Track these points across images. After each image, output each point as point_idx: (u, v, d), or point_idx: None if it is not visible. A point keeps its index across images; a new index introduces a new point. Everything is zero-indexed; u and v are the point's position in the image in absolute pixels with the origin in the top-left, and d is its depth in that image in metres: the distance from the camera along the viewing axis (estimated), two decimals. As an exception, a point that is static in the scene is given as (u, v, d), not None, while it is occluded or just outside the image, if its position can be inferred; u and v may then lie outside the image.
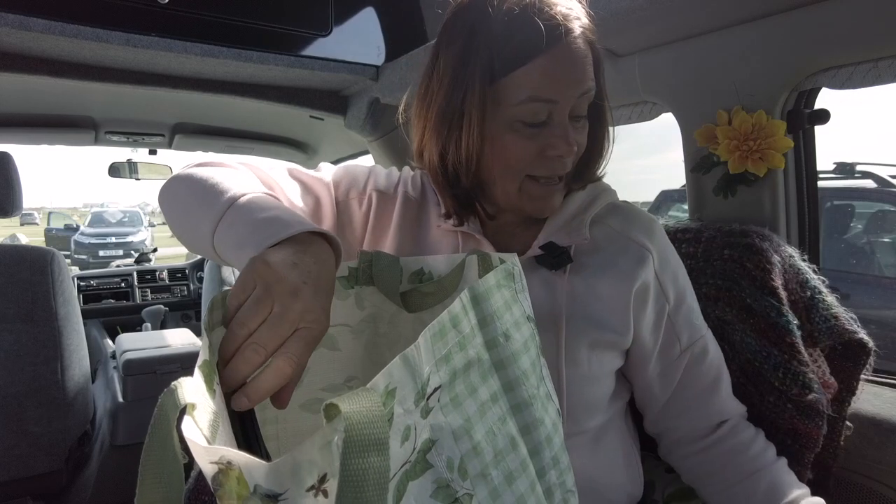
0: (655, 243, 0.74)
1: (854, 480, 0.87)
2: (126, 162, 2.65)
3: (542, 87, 0.63)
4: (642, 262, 0.72)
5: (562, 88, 0.63)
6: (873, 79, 0.87)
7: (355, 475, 0.34)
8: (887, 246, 3.29)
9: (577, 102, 0.65)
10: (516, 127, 0.65)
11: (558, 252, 0.70)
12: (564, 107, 0.64)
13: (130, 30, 1.22)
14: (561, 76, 0.63)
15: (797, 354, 0.84)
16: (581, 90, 0.64)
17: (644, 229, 0.75)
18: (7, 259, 1.51)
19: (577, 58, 0.64)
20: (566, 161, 0.66)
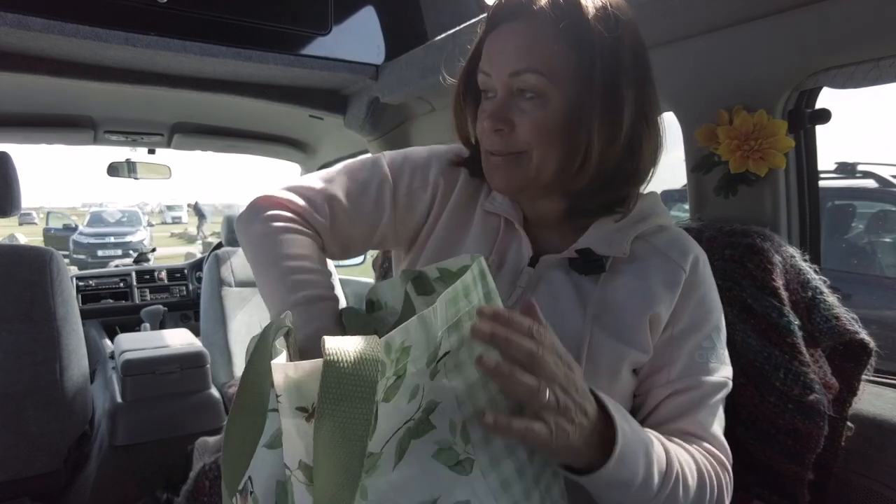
0: (693, 267, 0.71)
1: (855, 481, 0.87)
2: (125, 161, 2.65)
3: (484, 60, 0.68)
4: (673, 281, 0.69)
5: (493, 63, 0.67)
6: (874, 78, 0.87)
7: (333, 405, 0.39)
8: (888, 246, 3.29)
9: (511, 82, 0.65)
10: (482, 99, 0.71)
11: (593, 258, 0.69)
12: (499, 83, 0.66)
13: (130, 29, 1.22)
14: (495, 52, 0.67)
15: (798, 355, 0.84)
16: (511, 69, 0.64)
17: (686, 252, 0.72)
18: (6, 259, 1.51)
19: (514, 37, 0.65)
20: (495, 137, 0.67)
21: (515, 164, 0.67)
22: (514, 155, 0.67)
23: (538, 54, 0.64)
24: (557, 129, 0.65)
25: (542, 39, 0.63)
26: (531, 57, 0.64)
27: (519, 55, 0.64)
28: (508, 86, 0.66)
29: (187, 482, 1.12)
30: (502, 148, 0.67)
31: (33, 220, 24.46)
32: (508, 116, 0.66)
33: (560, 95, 0.64)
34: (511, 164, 0.67)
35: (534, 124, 0.65)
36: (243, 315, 2.35)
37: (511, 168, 0.68)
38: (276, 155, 2.71)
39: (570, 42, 0.63)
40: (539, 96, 0.65)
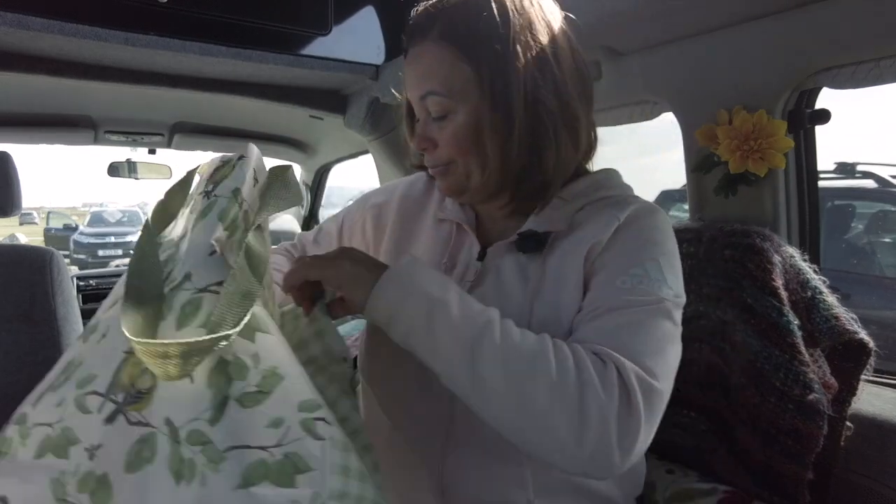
0: (628, 212, 0.69)
1: (855, 481, 0.87)
2: (125, 161, 2.65)
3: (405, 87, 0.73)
4: (604, 227, 0.68)
5: (407, 89, 0.73)
6: (874, 78, 0.87)
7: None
8: (888, 246, 3.29)
9: (423, 105, 0.70)
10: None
11: (533, 236, 0.71)
12: (416, 107, 0.72)
13: (129, 29, 1.22)
14: (405, 78, 0.72)
15: (798, 354, 0.84)
16: (418, 94, 0.70)
17: (624, 205, 0.70)
18: (6, 259, 1.51)
19: (414, 62, 0.70)
20: (425, 155, 0.73)
21: (449, 174, 0.72)
22: (444, 166, 0.72)
23: (436, 76, 0.68)
24: (469, 141, 0.68)
25: (437, 61, 0.68)
26: (431, 80, 0.68)
27: (421, 79, 0.69)
28: (422, 108, 0.71)
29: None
30: (432, 163, 0.73)
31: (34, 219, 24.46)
32: (429, 135, 0.71)
33: (464, 110, 0.68)
34: (445, 174, 0.72)
35: (448, 140, 0.70)
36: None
37: (446, 177, 0.73)
38: (276, 155, 2.70)
39: (463, 58, 0.66)
40: (447, 114, 0.69)
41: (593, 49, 1.14)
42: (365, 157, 2.29)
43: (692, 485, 0.88)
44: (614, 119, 1.27)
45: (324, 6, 1.40)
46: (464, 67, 0.67)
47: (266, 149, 2.61)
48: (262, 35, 1.35)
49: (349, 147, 2.34)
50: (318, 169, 2.70)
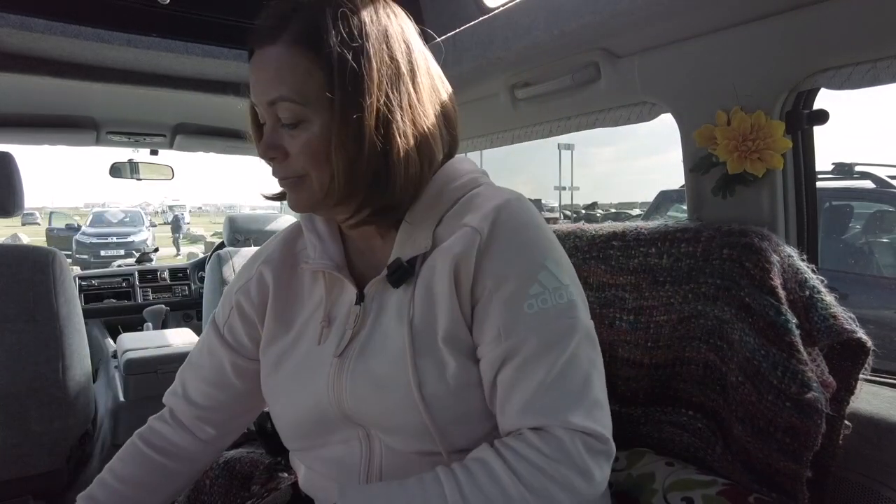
0: (490, 222, 0.64)
1: (852, 480, 0.88)
2: (127, 162, 2.66)
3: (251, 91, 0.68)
4: (465, 245, 0.64)
5: (254, 93, 0.67)
6: (872, 79, 0.87)
7: None
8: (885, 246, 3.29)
9: (272, 111, 0.65)
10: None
11: (398, 268, 0.67)
12: (264, 113, 0.67)
13: (132, 30, 1.22)
14: (253, 81, 0.67)
15: (796, 353, 0.84)
16: (267, 99, 0.65)
17: (484, 209, 0.66)
18: (9, 259, 1.52)
19: (261, 67, 0.65)
20: (273, 166, 0.68)
21: (301, 187, 0.68)
22: (296, 178, 0.67)
23: (287, 81, 0.63)
24: (324, 151, 0.64)
25: (288, 65, 0.63)
26: (281, 85, 0.63)
27: (270, 84, 0.64)
28: (271, 114, 0.66)
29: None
30: (281, 174, 0.68)
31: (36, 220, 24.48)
32: (279, 143, 0.66)
33: (317, 117, 0.64)
34: (297, 187, 0.68)
35: (301, 149, 0.65)
36: (245, 315, 2.35)
37: (297, 190, 0.68)
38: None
39: (313, 62, 0.63)
40: (299, 121, 0.65)
41: (592, 51, 1.15)
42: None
43: (692, 476, 0.89)
44: (612, 120, 1.28)
45: (325, 8, 1.41)
46: (318, 75, 0.63)
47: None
48: (264, 36, 1.36)
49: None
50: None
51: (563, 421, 0.59)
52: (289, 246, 0.84)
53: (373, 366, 0.67)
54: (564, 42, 1.09)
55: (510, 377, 0.63)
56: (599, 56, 1.14)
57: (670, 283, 0.99)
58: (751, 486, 0.87)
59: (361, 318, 0.70)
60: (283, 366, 0.75)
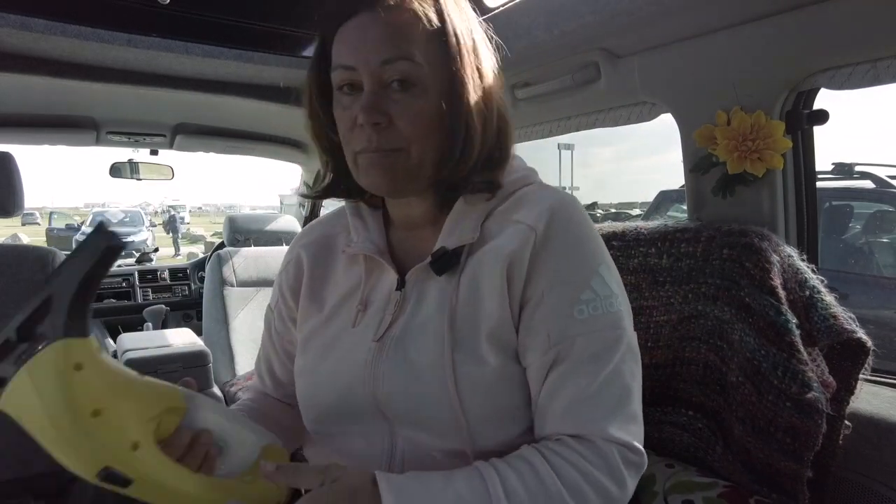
0: (545, 220, 0.64)
1: (852, 480, 0.88)
2: (127, 162, 2.65)
3: (342, 55, 0.64)
4: (520, 242, 0.64)
5: (358, 54, 0.62)
6: (872, 79, 0.87)
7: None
8: (885, 246, 3.30)
9: (382, 71, 0.62)
10: (339, 98, 0.66)
11: (446, 255, 0.66)
12: (368, 75, 0.62)
13: (131, 30, 1.22)
14: (358, 43, 0.62)
15: (796, 353, 0.84)
16: (383, 57, 0.61)
17: (538, 207, 0.66)
18: (8, 259, 1.52)
19: (379, 25, 0.61)
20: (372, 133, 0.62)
21: (397, 161, 0.64)
22: (389, 151, 0.63)
23: (410, 40, 0.61)
24: (437, 119, 0.63)
25: (410, 25, 0.62)
26: (403, 43, 0.61)
27: (390, 43, 0.61)
28: (379, 77, 0.62)
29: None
30: (379, 144, 0.63)
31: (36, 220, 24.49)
32: (385, 109, 0.62)
33: (435, 82, 0.63)
34: (392, 160, 0.64)
35: (413, 116, 0.62)
36: (245, 314, 2.36)
37: (390, 164, 0.64)
38: (277, 156, 2.71)
39: (433, 27, 0.62)
40: (414, 85, 0.62)
41: (592, 51, 1.15)
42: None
43: (692, 478, 0.89)
44: (613, 120, 1.28)
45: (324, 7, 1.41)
46: (434, 37, 0.62)
47: (267, 149, 2.62)
48: (264, 36, 1.36)
49: (350, 147, 2.34)
50: (319, 169, 2.71)
51: (602, 432, 0.60)
52: (328, 228, 0.83)
53: (411, 353, 0.66)
54: (564, 42, 1.10)
55: (554, 382, 0.63)
56: (599, 56, 1.14)
57: (670, 283, 0.99)
58: (751, 487, 0.87)
59: (401, 303, 0.69)
60: (313, 344, 0.75)
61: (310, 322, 0.76)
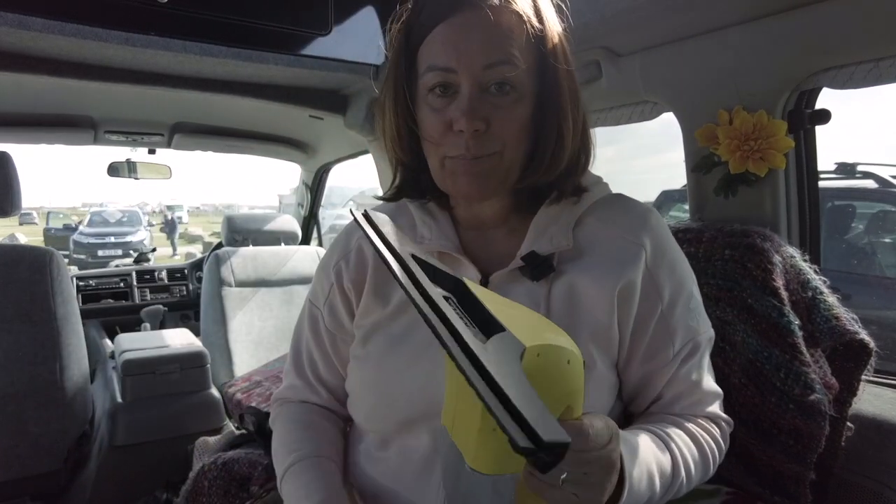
0: (649, 236, 0.67)
1: (855, 481, 0.87)
2: (125, 161, 2.65)
3: (439, 55, 0.61)
4: (631, 259, 0.66)
5: (460, 57, 0.60)
6: (874, 79, 0.87)
7: None
8: (888, 246, 3.29)
9: (484, 75, 0.60)
10: (428, 100, 0.64)
11: (539, 262, 0.66)
12: (468, 78, 0.61)
13: (130, 29, 1.22)
14: (459, 44, 0.60)
15: (798, 355, 0.84)
16: (485, 61, 0.60)
17: (636, 222, 0.68)
18: (6, 259, 1.51)
19: (482, 26, 0.60)
20: (470, 140, 0.61)
21: (485, 167, 0.63)
22: (484, 157, 0.62)
23: (512, 43, 0.60)
24: (531, 123, 0.63)
25: (513, 27, 0.60)
26: (507, 46, 0.60)
27: (494, 45, 0.60)
28: (479, 80, 0.61)
29: (187, 482, 1.12)
30: (477, 150, 0.62)
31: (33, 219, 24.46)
32: (484, 114, 0.61)
33: (533, 86, 0.63)
34: (480, 165, 0.63)
35: (510, 120, 0.62)
36: (243, 315, 2.35)
37: (481, 168, 0.63)
38: (276, 155, 2.71)
39: (534, 29, 0.61)
40: (514, 89, 0.61)
41: (593, 49, 1.14)
42: (365, 157, 2.29)
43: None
44: (614, 119, 1.27)
45: (324, 6, 1.40)
46: (530, 41, 0.61)
47: (266, 149, 2.61)
48: (263, 35, 1.35)
49: (349, 147, 2.34)
50: (318, 169, 2.70)
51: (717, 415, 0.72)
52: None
53: None
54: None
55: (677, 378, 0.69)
56: (601, 54, 1.14)
57: (672, 284, 0.98)
58: (753, 489, 0.87)
59: None
60: (378, 337, 0.72)
61: (371, 317, 0.73)
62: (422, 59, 0.64)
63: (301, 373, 0.82)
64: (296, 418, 0.80)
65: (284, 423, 0.80)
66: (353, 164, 2.60)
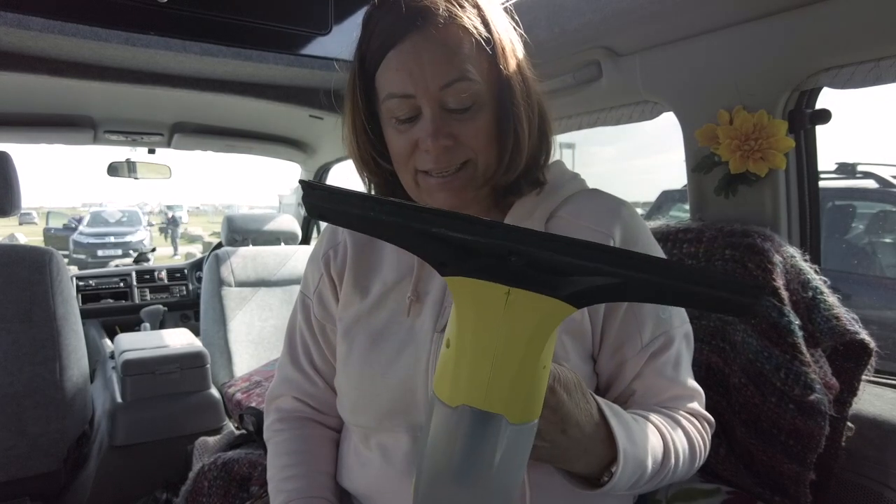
0: (619, 227, 0.68)
1: (855, 481, 0.87)
2: (125, 161, 2.64)
3: (395, 83, 0.63)
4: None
5: (416, 81, 0.61)
6: (874, 78, 0.87)
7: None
8: (889, 246, 3.29)
9: (442, 95, 0.62)
10: (391, 123, 0.66)
11: None
12: (427, 101, 0.62)
13: (130, 29, 1.22)
14: (413, 69, 0.61)
15: (799, 355, 0.84)
16: (441, 81, 0.61)
17: (606, 214, 0.69)
18: (5, 259, 1.51)
19: (432, 47, 0.61)
20: (440, 156, 0.63)
21: (462, 176, 0.65)
22: (459, 168, 0.65)
23: (464, 57, 0.61)
24: (496, 130, 0.65)
25: (462, 40, 0.61)
26: (458, 62, 0.61)
27: (447, 64, 0.61)
28: (438, 100, 0.62)
29: (186, 482, 1.12)
30: (448, 164, 0.64)
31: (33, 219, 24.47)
32: (449, 130, 0.63)
33: (490, 93, 0.64)
34: (457, 177, 0.65)
35: (476, 131, 0.63)
36: (243, 315, 2.35)
37: (458, 182, 0.65)
38: (276, 155, 2.70)
39: (482, 37, 0.62)
40: (474, 102, 0.63)
41: (593, 49, 1.14)
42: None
43: (694, 485, 0.88)
44: (614, 119, 1.27)
45: (324, 6, 1.40)
46: (481, 50, 0.62)
47: (266, 149, 2.61)
48: (263, 35, 1.35)
49: (349, 147, 2.33)
50: (318, 169, 2.70)
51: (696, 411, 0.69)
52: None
53: None
54: (565, 40, 1.09)
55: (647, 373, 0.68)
56: (601, 54, 1.14)
57: (672, 284, 0.98)
58: (753, 490, 0.87)
59: None
60: (357, 332, 0.73)
61: (351, 310, 0.75)
62: (380, 85, 0.66)
63: (297, 363, 0.83)
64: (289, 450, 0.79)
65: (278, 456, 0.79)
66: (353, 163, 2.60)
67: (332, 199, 0.43)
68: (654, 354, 0.67)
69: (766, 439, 0.85)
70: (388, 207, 0.41)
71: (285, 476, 0.75)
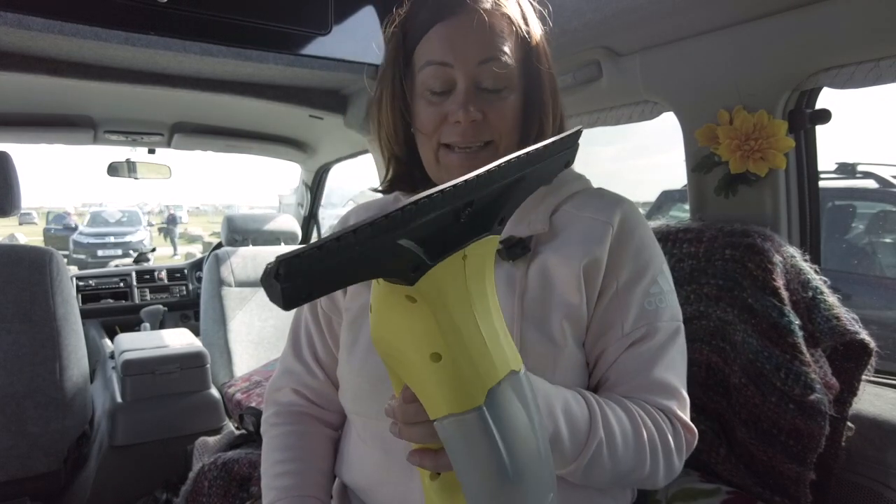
0: (619, 217, 0.70)
1: (855, 481, 0.87)
2: (125, 161, 2.64)
3: (437, 51, 0.67)
4: (598, 237, 0.68)
5: (456, 52, 0.66)
6: (874, 78, 0.87)
7: None
8: (889, 246, 3.29)
9: (478, 71, 0.66)
10: (424, 94, 0.69)
11: (514, 243, 0.69)
12: (464, 73, 0.66)
13: (130, 29, 1.21)
14: (456, 42, 0.66)
15: (799, 355, 0.84)
16: (480, 57, 0.66)
17: (608, 206, 0.71)
18: (5, 259, 1.51)
19: (476, 27, 0.65)
20: (468, 128, 0.67)
21: (483, 156, 0.68)
22: (481, 146, 0.68)
23: (503, 43, 0.67)
24: (522, 116, 0.69)
25: (502, 29, 0.67)
26: (499, 45, 0.66)
27: (488, 43, 0.66)
28: (473, 76, 0.66)
29: (186, 482, 1.12)
30: (474, 139, 0.68)
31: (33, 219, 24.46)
32: (480, 106, 0.67)
33: (521, 83, 0.69)
34: (478, 156, 0.68)
35: (503, 112, 0.68)
36: (243, 315, 2.35)
37: (479, 162, 0.67)
38: (276, 155, 2.71)
39: (521, 30, 0.68)
40: (506, 85, 0.67)
41: (593, 49, 1.14)
42: (365, 158, 2.29)
43: (694, 485, 0.88)
44: (614, 119, 1.27)
45: (324, 6, 1.40)
46: (523, 43, 0.68)
47: (266, 149, 2.61)
48: (263, 35, 1.35)
49: (349, 147, 2.33)
50: (318, 169, 2.70)
51: (671, 411, 0.66)
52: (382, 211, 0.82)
53: None
54: (565, 40, 1.09)
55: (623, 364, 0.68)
56: (601, 54, 1.14)
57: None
58: (753, 489, 0.87)
59: None
60: (364, 322, 0.73)
61: (360, 300, 0.75)
62: (419, 56, 0.69)
63: (299, 354, 0.84)
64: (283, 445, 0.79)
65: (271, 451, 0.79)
66: (353, 164, 2.60)
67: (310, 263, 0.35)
68: (633, 344, 0.67)
69: (767, 439, 0.85)
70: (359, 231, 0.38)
71: (277, 472, 0.76)
